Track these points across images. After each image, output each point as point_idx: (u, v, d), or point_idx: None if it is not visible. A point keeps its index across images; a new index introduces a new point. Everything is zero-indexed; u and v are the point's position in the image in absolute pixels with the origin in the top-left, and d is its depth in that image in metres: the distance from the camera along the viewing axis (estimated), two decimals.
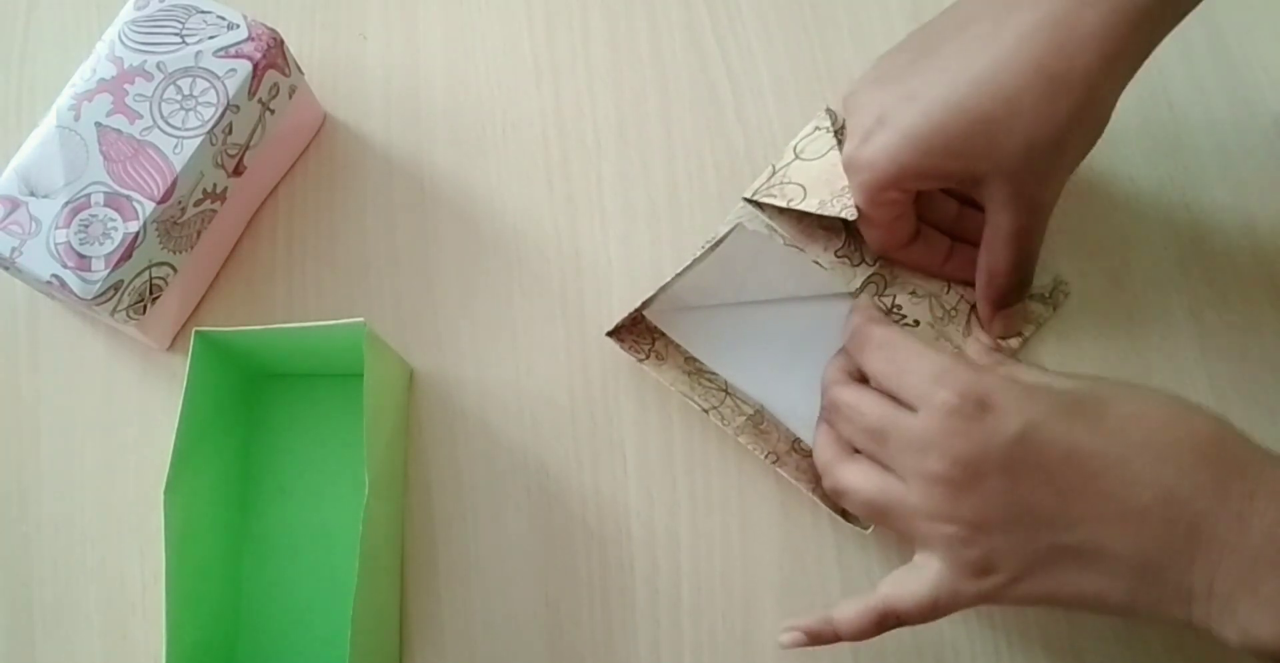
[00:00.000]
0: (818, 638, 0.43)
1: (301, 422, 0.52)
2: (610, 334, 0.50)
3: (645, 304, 0.49)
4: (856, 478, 0.44)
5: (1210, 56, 0.56)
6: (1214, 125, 0.55)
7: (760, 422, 0.50)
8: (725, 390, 0.51)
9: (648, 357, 0.50)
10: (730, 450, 0.51)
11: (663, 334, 0.52)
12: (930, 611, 0.41)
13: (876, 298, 0.52)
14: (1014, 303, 0.49)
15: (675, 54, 0.57)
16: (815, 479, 0.49)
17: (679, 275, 0.48)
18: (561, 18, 0.58)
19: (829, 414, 0.47)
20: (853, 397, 0.45)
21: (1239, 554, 0.37)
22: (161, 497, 0.44)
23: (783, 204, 0.51)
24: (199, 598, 0.47)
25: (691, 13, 0.58)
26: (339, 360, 0.49)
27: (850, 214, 0.47)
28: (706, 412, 0.49)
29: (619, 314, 0.53)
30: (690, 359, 0.51)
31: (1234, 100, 0.55)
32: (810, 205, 0.49)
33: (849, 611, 0.43)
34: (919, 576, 0.42)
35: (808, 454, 0.50)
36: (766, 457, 0.49)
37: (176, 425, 0.45)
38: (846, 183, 0.48)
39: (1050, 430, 0.39)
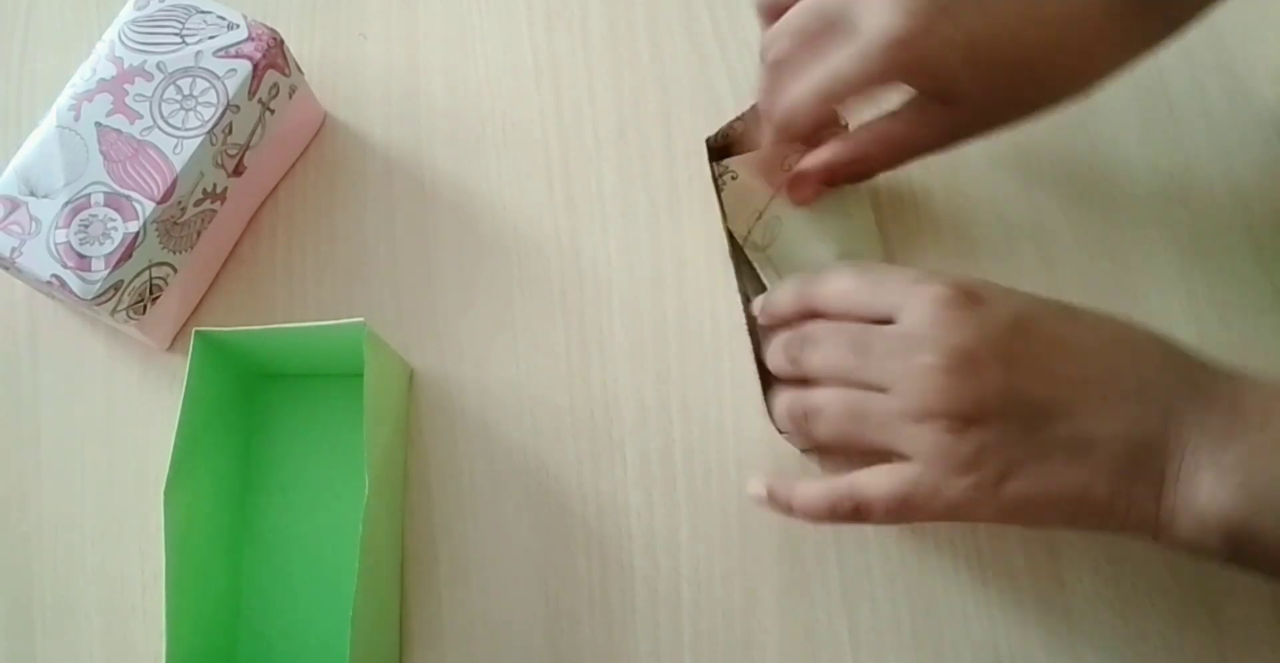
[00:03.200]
0: (774, 501, 0.44)
1: (301, 422, 0.52)
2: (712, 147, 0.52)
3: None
4: (828, 394, 0.42)
5: (1210, 56, 0.56)
6: (1214, 125, 0.55)
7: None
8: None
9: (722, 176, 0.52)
10: (730, 451, 0.51)
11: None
12: (900, 507, 0.40)
13: None
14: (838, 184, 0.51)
15: (675, 54, 0.57)
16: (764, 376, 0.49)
17: None
18: (561, 18, 0.58)
19: (791, 349, 0.44)
20: (823, 324, 0.43)
21: (1205, 433, 0.38)
22: (161, 497, 0.44)
23: None
24: (199, 598, 0.47)
25: (691, 13, 0.58)
26: (339, 360, 0.49)
27: None
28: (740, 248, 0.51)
29: (619, 313, 0.53)
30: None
31: (1234, 100, 0.55)
32: None
33: (812, 487, 0.43)
34: (897, 471, 0.40)
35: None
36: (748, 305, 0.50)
37: (176, 425, 0.45)
38: None
39: (1039, 319, 0.40)
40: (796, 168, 0.51)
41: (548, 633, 0.49)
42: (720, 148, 0.53)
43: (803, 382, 0.45)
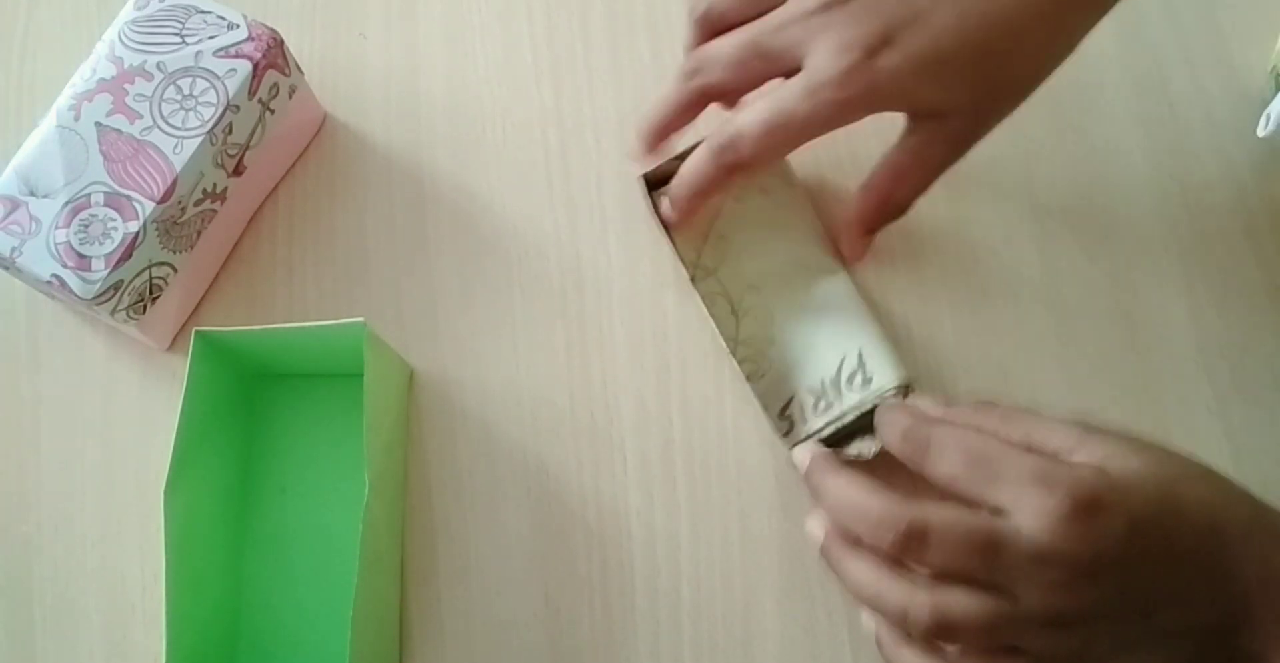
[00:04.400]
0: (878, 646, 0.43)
1: (301, 422, 0.52)
2: (647, 184, 0.51)
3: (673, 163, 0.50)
4: (967, 604, 0.39)
5: (1210, 56, 0.56)
6: (1214, 125, 0.55)
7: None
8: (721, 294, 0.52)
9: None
10: (730, 451, 0.51)
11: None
12: None
13: None
14: (881, 228, 0.50)
15: (675, 54, 0.57)
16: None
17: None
18: (561, 18, 0.58)
19: (904, 543, 0.39)
20: (945, 514, 0.39)
21: (1273, 615, 0.39)
22: (161, 497, 0.44)
23: None
24: (199, 598, 0.47)
25: None
26: (339, 360, 0.49)
27: None
28: (692, 280, 0.51)
29: (619, 313, 0.53)
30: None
31: (1234, 100, 0.55)
32: None
33: None
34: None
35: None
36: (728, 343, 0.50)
37: (176, 425, 0.45)
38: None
39: (1149, 524, 0.39)
40: (842, 233, 0.51)
41: (548, 633, 0.49)
42: (655, 182, 0.52)
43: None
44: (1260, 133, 0.51)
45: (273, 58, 0.50)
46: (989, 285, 0.53)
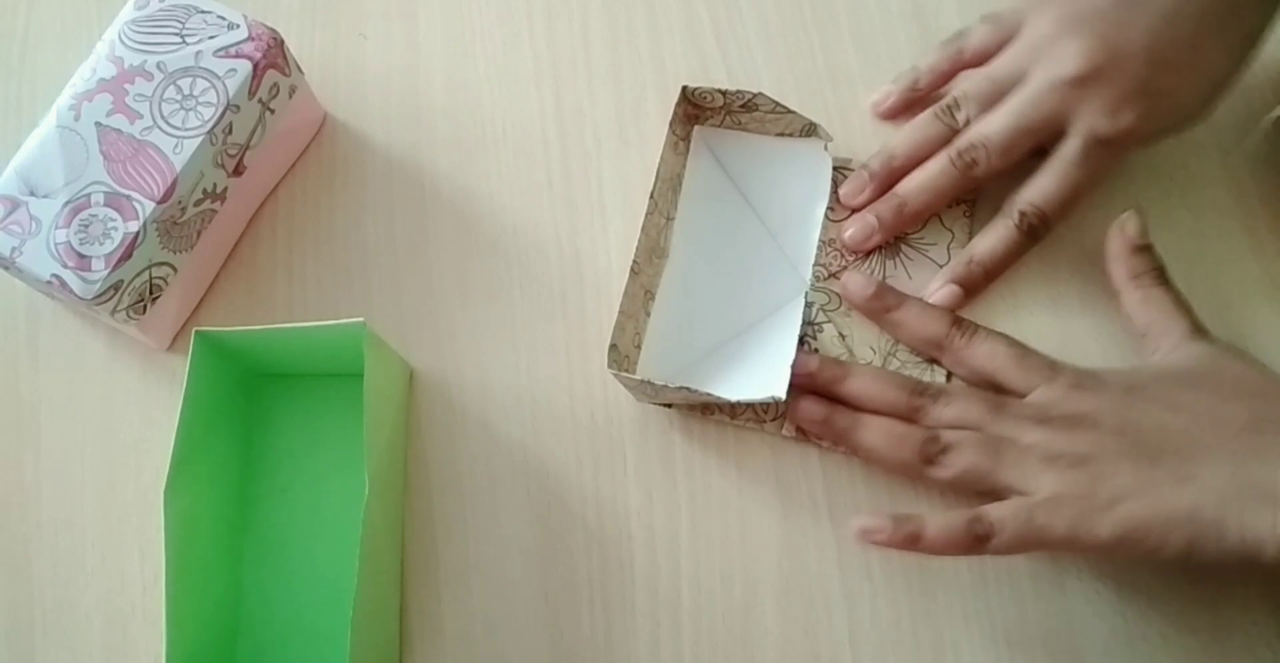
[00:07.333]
0: (896, 532, 0.45)
1: (301, 422, 0.52)
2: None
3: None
4: (962, 433, 0.47)
5: None
6: (1214, 125, 0.55)
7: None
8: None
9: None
10: (730, 450, 0.51)
11: None
12: (1025, 528, 0.44)
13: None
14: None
15: (675, 54, 0.57)
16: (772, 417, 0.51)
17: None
18: (561, 18, 0.58)
19: (919, 400, 0.49)
20: (958, 385, 0.50)
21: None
22: (161, 497, 0.44)
23: None
24: (199, 598, 0.47)
25: (691, 13, 0.58)
26: (339, 360, 0.49)
27: None
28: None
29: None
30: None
31: (1234, 100, 0.55)
32: None
33: (942, 516, 0.45)
34: (1023, 499, 0.45)
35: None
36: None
37: (176, 425, 0.45)
38: None
39: (1149, 386, 0.46)
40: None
41: (548, 633, 0.49)
42: (690, 104, 0.53)
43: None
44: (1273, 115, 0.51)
45: (273, 58, 0.50)
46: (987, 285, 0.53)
